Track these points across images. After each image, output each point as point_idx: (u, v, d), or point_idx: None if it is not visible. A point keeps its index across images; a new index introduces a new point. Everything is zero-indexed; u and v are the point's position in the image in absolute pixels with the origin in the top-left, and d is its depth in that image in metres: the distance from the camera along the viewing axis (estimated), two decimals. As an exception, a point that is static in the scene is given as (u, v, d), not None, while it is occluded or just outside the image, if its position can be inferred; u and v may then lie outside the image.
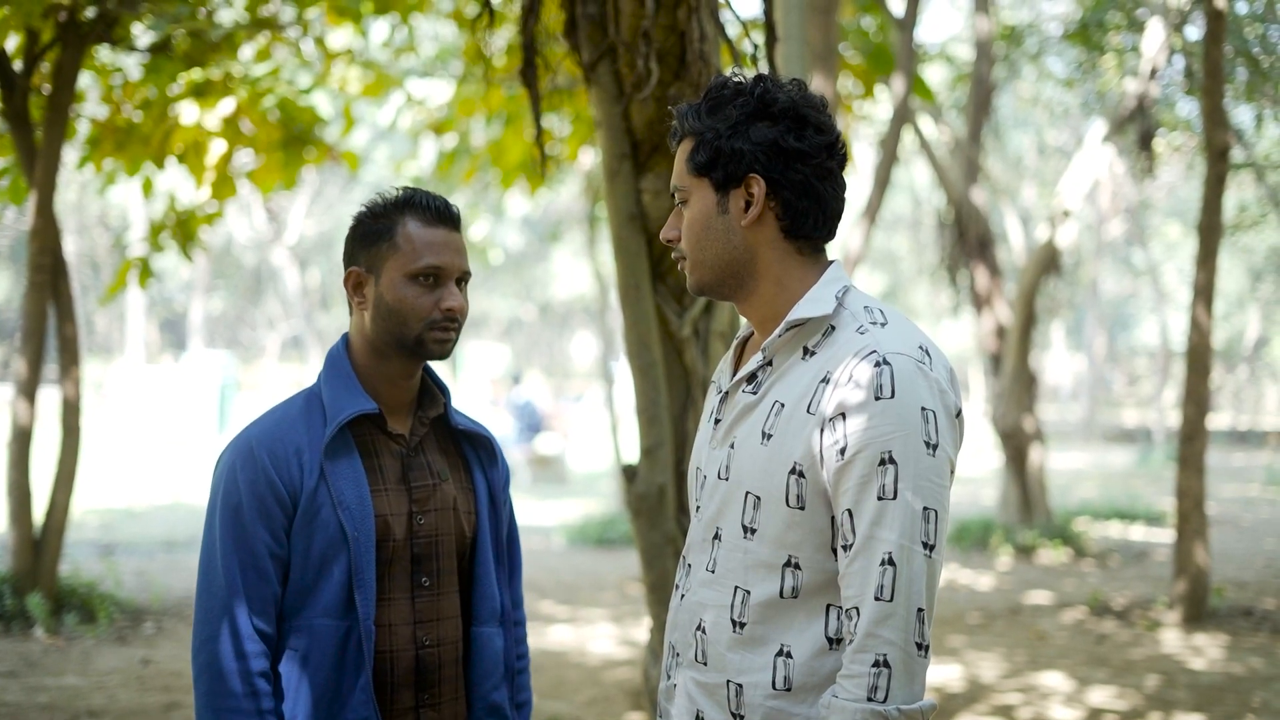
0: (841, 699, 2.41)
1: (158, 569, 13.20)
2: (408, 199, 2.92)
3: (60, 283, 10.01)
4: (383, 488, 2.90)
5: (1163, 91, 16.15)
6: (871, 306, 2.59)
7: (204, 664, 2.80)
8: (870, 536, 2.41)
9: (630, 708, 8.14)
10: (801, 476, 2.49)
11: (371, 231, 2.93)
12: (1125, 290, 49.95)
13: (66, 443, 10.06)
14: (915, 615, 2.40)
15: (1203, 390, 10.91)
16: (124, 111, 10.45)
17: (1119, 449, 37.04)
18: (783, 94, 2.57)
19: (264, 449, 2.85)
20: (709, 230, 2.61)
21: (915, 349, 2.49)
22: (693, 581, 2.69)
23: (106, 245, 40.60)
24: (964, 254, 16.43)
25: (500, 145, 12.41)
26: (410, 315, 2.86)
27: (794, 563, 2.52)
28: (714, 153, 2.57)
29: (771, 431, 2.54)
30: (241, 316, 53.97)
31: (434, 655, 2.96)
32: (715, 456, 2.68)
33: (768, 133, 2.55)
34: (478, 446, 3.10)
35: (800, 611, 2.53)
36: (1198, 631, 10.52)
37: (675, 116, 2.66)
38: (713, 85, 2.62)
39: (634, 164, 4.30)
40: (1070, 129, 31.69)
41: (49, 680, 8.51)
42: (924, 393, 2.44)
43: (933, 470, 2.43)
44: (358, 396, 2.89)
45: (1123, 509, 18.89)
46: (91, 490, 17.49)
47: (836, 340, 2.54)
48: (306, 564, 2.84)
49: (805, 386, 2.52)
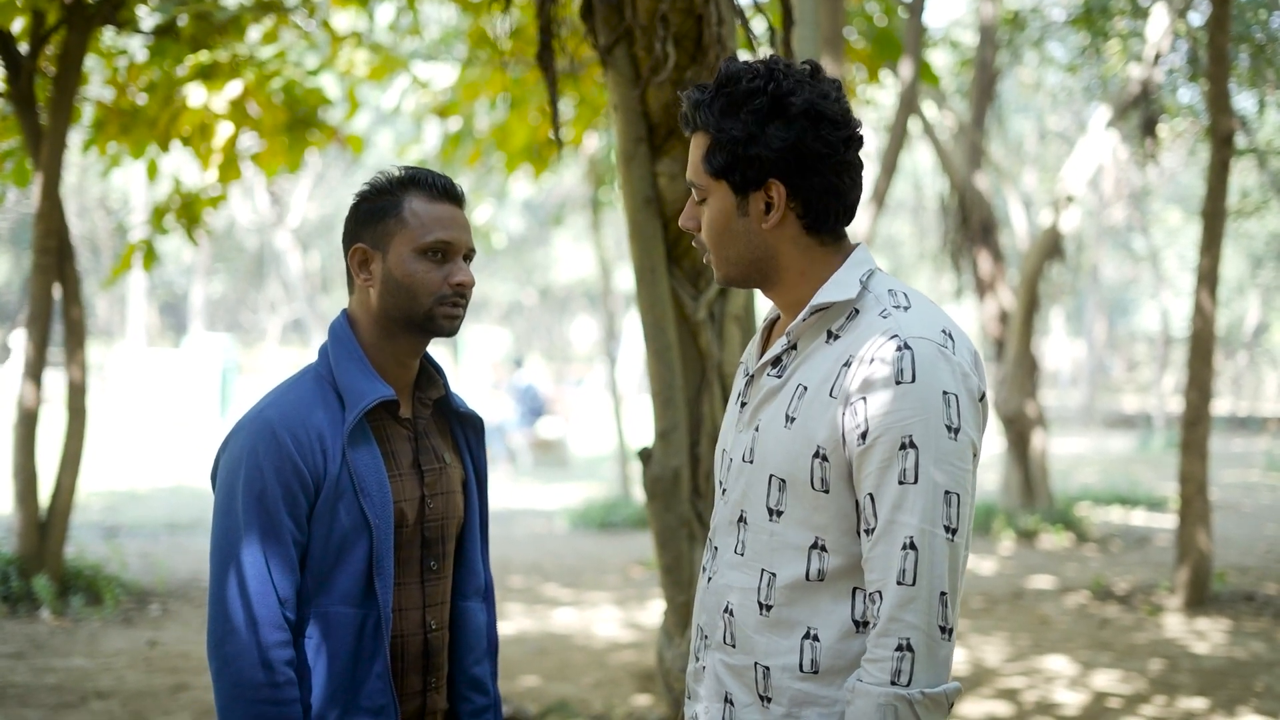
0: (865, 684, 2.43)
1: (162, 551, 13.22)
2: (412, 176, 2.91)
3: (66, 265, 10.01)
4: (397, 473, 2.90)
5: (1166, 77, 16.13)
6: (896, 290, 2.60)
7: (230, 655, 2.74)
8: (891, 520, 2.43)
9: (637, 690, 8.16)
10: (825, 460, 2.50)
11: (377, 209, 2.90)
12: (1126, 276, 49.95)
13: (72, 425, 10.06)
14: (938, 599, 2.42)
15: (1206, 375, 10.92)
16: (129, 94, 10.44)
17: (1119, 434, 37.04)
18: (798, 90, 2.53)
19: (287, 432, 2.79)
20: (730, 231, 2.61)
21: (938, 333, 2.51)
22: (720, 564, 2.70)
23: (107, 228, 40.56)
24: (967, 239, 16.44)
25: (505, 129, 12.38)
26: (420, 290, 2.84)
27: (821, 545, 2.53)
28: (731, 157, 2.55)
29: (795, 415, 2.55)
30: (242, 300, 53.96)
31: (439, 638, 2.98)
32: (741, 439, 2.68)
33: (786, 135, 2.52)
34: (468, 428, 3.11)
35: (826, 594, 2.54)
36: (1200, 616, 10.55)
37: (685, 104, 2.62)
38: (724, 77, 2.56)
39: (650, 147, 4.30)
40: (1072, 114, 31.65)
41: (56, 661, 8.54)
42: (946, 376, 2.45)
43: (954, 454, 2.45)
44: (375, 382, 2.86)
45: (1124, 494, 18.92)
46: (94, 473, 17.50)
47: (860, 324, 2.55)
48: (326, 551, 2.81)
49: (828, 370, 2.54)
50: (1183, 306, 43.36)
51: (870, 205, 13.29)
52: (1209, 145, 11.36)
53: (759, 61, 2.57)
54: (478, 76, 12.18)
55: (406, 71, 12.56)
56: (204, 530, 14.97)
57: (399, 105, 14.60)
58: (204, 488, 13.70)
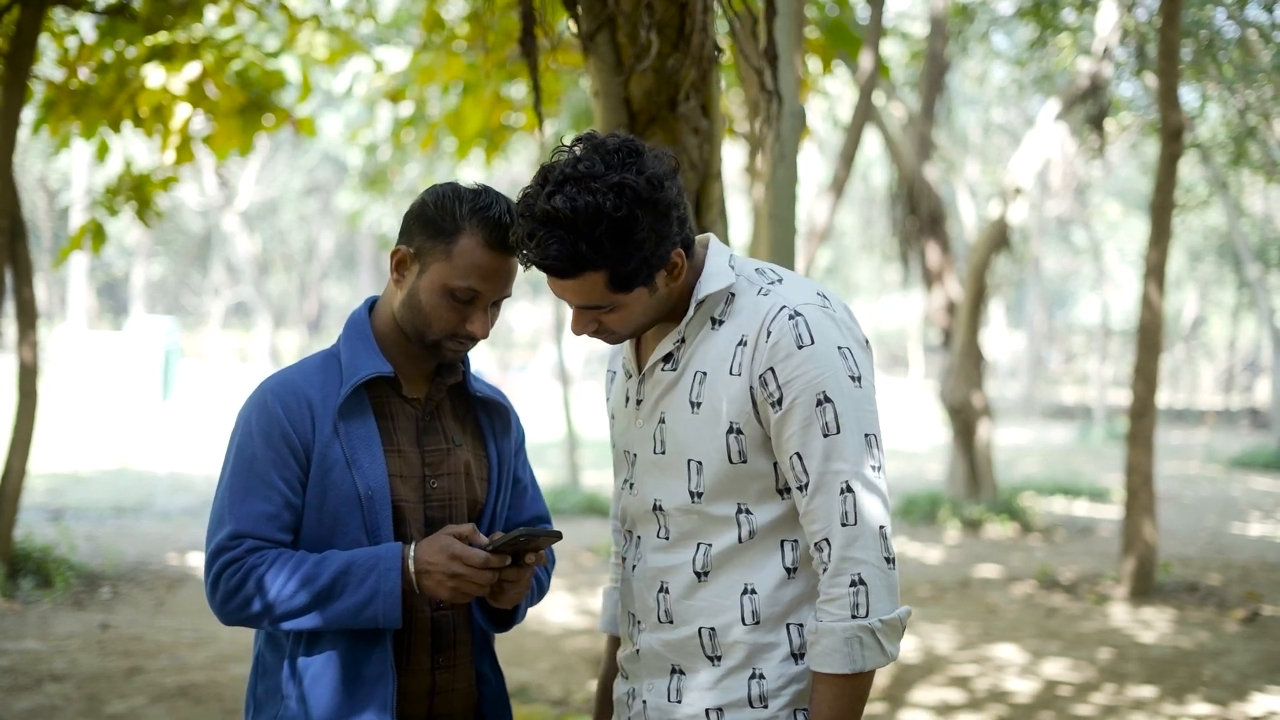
0: (827, 622, 2.59)
1: (109, 534, 13.14)
2: (483, 210, 2.83)
3: (18, 246, 9.91)
4: (395, 449, 2.91)
5: (1114, 71, 16.28)
6: (762, 268, 2.77)
7: (232, 591, 2.81)
8: (824, 472, 2.59)
9: (592, 675, 8.19)
10: (740, 433, 2.65)
11: (435, 224, 2.85)
12: (1066, 268, 50.39)
13: (23, 407, 9.99)
14: (879, 533, 2.59)
15: (1153, 368, 11.04)
16: (80, 75, 10.33)
17: (1058, 425, 37.42)
18: (631, 177, 2.54)
19: (278, 400, 2.86)
20: (645, 310, 2.70)
21: (815, 296, 2.68)
22: (644, 550, 2.83)
23: (46, 209, 40.14)
24: (916, 229, 16.53)
25: (459, 114, 12.33)
26: (435, 323, 2.85)
27: (744, 509, 2.69)
28: (641, 268, 2.59)
29: (699, 400, 2.70)
30: (183, 282, 53.54)
31: (449, 618, 2.97)
32: (644, 434, 2.81)
33: (662, 215, 2.58)
34: (493, 415, 3.11)
35: (757, 550, 2.70)
36: (1145, 606, 10.68)
37: (551, 259, 2.57)
38: (576, 217, 2.51)
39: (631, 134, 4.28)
40: (1016, 107, 31.87)
41: (8, 644, 8.47)
42: (835, 333, 2.63)
43: (863, 399, 2.62)
44: (374, 358, 2.89)
45: (1066, 485, 19.13)
46: (37, 455, 17.35)
47: (740, 306, 2.69)
48: (320, 521, 2.84)
49: (722, 352, 2.68)
50: (1122, 299, 43.81)
51: (829, 195, 13.35)
52: (1158, 139, 11.48)
53: (569, 180, 2.54)
54: (431, 61, 12.12)
55: (366, 55, 12.48)
56: (150, 514, 14.91)
57: (350, 89, 14.50)
58: (148, 471, 13.59)
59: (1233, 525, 16.45)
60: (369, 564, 2.77)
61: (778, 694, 2.67)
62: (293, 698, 2.85)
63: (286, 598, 2.77)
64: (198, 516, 14.85)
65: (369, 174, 19.73)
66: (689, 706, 2.74)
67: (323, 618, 2.77)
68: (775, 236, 4.66)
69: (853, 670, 2.57)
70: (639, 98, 4.09)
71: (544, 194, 2.55)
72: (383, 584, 2.76)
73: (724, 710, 2.70)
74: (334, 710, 2.82)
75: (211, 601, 2.84)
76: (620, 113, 4.13)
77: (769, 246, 4.67)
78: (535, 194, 2.57)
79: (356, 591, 2.76)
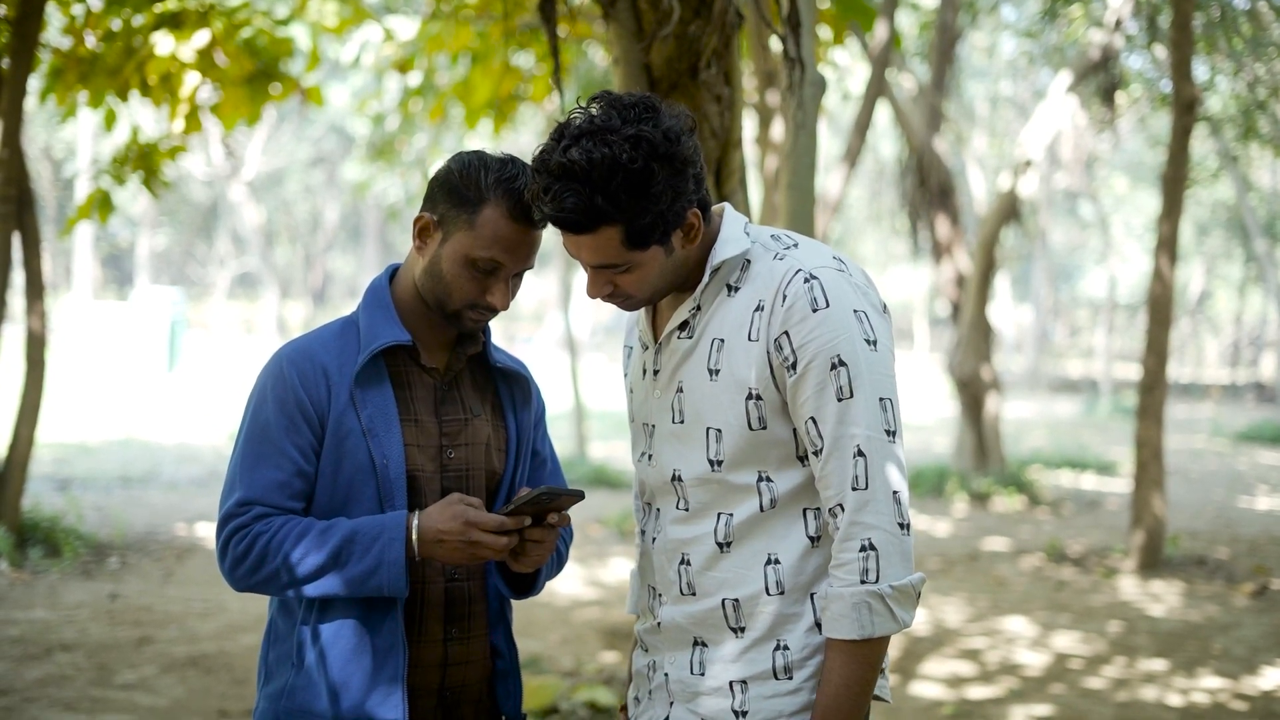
0: (837, 588, 2.57)
1: (116, 504, 13.14)
2: (509, 180, 2.80)
3: (26, 215, 9.88)
4: (412, 418, 2.89)
5: (1125, 43, 16.21)
6: (777, 234, 2.75)
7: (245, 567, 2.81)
8: (838, 436, 2.55)
9: (604, 646, 8.20)
10: (759, 399, 2.62)
11: (459, 193, 2.82)
12: (1073, 242, 50.29)
13: (31, 376, 9.98)
14: (892, 498, 2.56)
15: (1164, 341, 11.02)
16: (87, 42, 10.27)
17: (1064, 399, 37.38)
18: (649, 128, 2.53)
19: (293, 367, 2.84)
20: (661, 272, 2.67)
21: (831, 260, 2.66)
22: (663, 523, 2.80)
23: (50, 179, 40.10)
24: (925, 202, 16.47)
25: (468, 84, 12.27)
26: (455, 293, 2.83)
27: (765, 477, 2.66)
28: (657, 224, 2.58)
29: (717, 367, 2.66)
30: (189, 253, 53.51)
31: (463, 589, 2.95)
32: (662, 404, 2.78)
33: (678, 170, 2.56)
34: (514, 386, 3.09)
35: (780, 520, 2.67)
36: (1154, 579, 10.68)
37: (564, 212, 2.56)
38: (592, 170, 2.50)
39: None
40: (1025, 80, 31.76)
41: (18, 614, 8.47)
42: (852, 296, 2.60)
43: (879, 363, 2.58)
44: (393, 327, 2.87)
45: (1073, 458, 19.12)
46: (44, 425, 17.34)
47: (756, 271, 2.67)
48: (334, 489, 2.83)
49: (739, 318, 2.65)
50: (1129, 273, 43.73)
51: (842, 166, 13.28)
52: (1170, 112, 11.42)
53: (585, 134, 2.53)
54: (440, 30, 12.07)
55: (377, 23, 12.42)
56: (157, 484, 14.91)
57: (358, 59, 14.43)
58: (154, 441, 13.63)
59: (1240, 499, 16.45)
60: (374, 533, 2.75)
61: (802, 665, 2.64)
62: (303, 665, 2.83)
63: (293, 565, 2.76)
64: (205, 487, 14.85)
65: (376, 144, 19.67)
66: (713, 679, 2.70)
67: (328, 585, 2.76)
68: (794, 206, 4.61)
69: (861, 636, 2.54)
70: (660, 65, 4.06)
71: (560, 148, 2.53)
72: (387, 554, 2.74)
73: (748, 682, 2.66)
74: (345, 678, 2.81)
75: (221, 567, 2.84)
76: (640, 80, 4.09)
77: (787, 216, 4.63)
78: (551, 149, 2.55)
79: (362, 560, 2.74)
